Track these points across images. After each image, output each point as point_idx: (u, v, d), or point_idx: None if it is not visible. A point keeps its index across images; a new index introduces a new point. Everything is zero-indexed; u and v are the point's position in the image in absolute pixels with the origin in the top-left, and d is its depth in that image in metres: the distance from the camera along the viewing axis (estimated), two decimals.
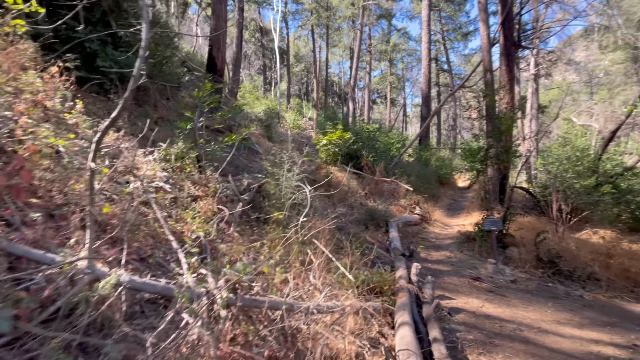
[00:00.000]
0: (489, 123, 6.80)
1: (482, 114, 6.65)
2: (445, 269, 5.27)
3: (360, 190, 8.67)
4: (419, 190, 10.73)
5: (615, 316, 4.14)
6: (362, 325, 2.58)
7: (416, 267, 4.03)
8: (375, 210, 6.61)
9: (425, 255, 5.85)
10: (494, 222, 5.40)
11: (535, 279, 5.36)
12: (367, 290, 3.09)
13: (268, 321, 2.04)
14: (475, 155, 6.22)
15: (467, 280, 4.80)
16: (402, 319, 2.51)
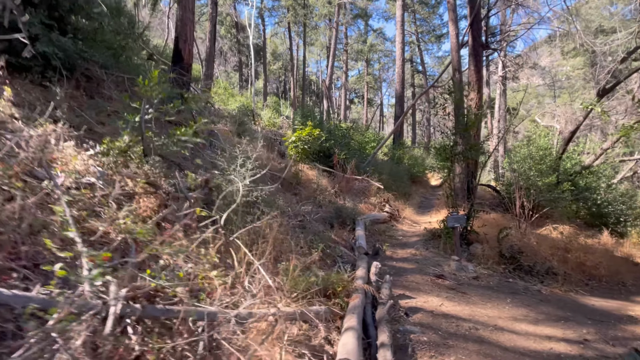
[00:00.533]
0: (456, 121, 6.80)
1: (449, 111, 6.64)
2: (409, 267, 5.17)
3: (330, 188, 8.49)
4: (391, 189, 10.71)
5: (569, 310, 4.17)
6: (307, 332, 2.37)
7: (376, 266, 3.87)
8: (342, 208, 6.44)
9: (391, 254, 5.74)
10: (457, 219, 5.36)
11: (497, 275, 5.37)
12: (318, 292, 2.88)
13: (189, 333, 1.78)
14: (444, 154, 6.19)
15: (430, 278, 4.71)
16: (348, 324, 2.31)
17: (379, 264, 3.91)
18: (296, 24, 27.01)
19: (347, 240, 5.58)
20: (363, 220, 6.42)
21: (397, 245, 6.26)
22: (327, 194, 7.61)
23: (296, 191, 7.45)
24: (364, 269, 3.91)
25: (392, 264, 5.23)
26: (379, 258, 5.46)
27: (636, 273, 7.60)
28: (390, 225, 7.54)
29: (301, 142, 7.89)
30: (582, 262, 6.59)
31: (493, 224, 7.85)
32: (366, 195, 9.30)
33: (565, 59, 27.89)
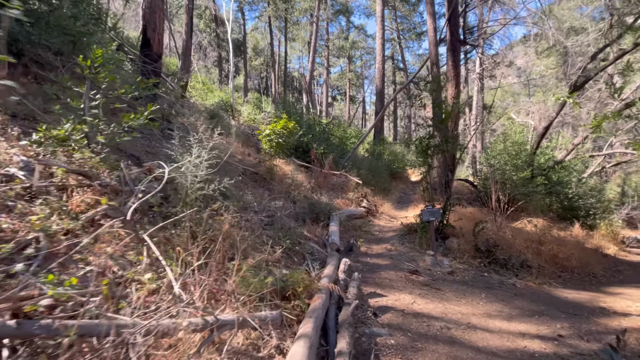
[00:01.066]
0: (433, 113, 6.61)
1: (424, 103, 6.45)
2: (383, 262, 4.94)
3: (307, 184, 8.18)
4: (369, 184, 10.52)
5: (543, 303, 4.05)
6: (257, 341, 2.05)
7: (345, 263, 3.60)
8: (317, 203, 6.15)
9: (366, 249, 5.50)
10: (432, 213, 5.17)
11: (472, 269, 5.22)
12: (275, 294, 2.57)
13: (93, 351, 1.43)
14: (420, 146, 5.99)
15: (404, 274, 4.50)
16: (303, 330, 2.02)
17: (348, 261, 3.64)
18: (277, 19, 26.45)
19: (319, 237, 5.29)
20: (338, 215, 6.16)
21: (373, 240, 6.03)
22: (302, 190, 7.30)
23: (270, 186, 7.10)
24: (333, 267, 3.63)
25: (366, 260, 4.99)
26: (353, 254, 5.21)
27: (605, 264, 7.71)
28: (367, 220, 7.32)
29: (275, 136, 7.53)
30: (555, 254, 6.59)
31: (469, 217, 7.77)
32: (344, 191, 9.05)
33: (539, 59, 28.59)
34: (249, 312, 2.10)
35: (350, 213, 6.87)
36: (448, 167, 7.19)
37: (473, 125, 19.90)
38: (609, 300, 4.55)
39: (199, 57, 34.38)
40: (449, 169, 7.00)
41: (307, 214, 5.83)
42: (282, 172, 7.95)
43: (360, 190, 8.66)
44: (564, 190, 11.53)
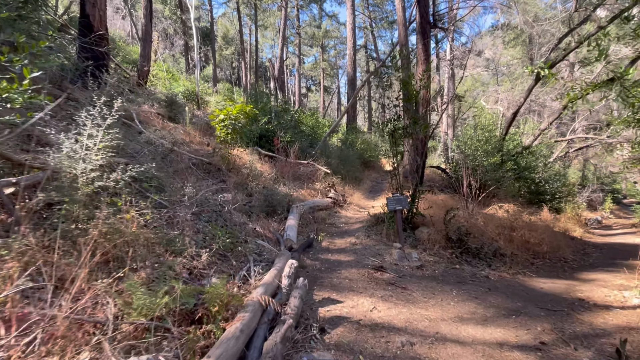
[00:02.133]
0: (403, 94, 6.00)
1: (390, 81, 5.80)
2: (345, 259, 4.30)
3: (270, 174, 7.40)
4: (340, 173, 9.88)
5: (519, 298, 3.56)
6: None
7: (291, 265, 2.90)
8: (275, 195, 5.39)
9: (328, 244, 4.85)
10: (399, 201, 4.57)
11: (443, 261, 4.70)
12: (180, 316, 1.83)
13: None
14: (387, 129, 5.38)
15: (367, 272, 3.87)
16: None
17: (295, 263, 2.94)
18: (247, 6, 25.01)
19: (274, 233, 4.56)
20: (299, 207, 5.45)
21: (337, 234, 5.39)
22: (263, 180, 6.51)
23: (225, 178, 6.27)
24: (277, 271, 2.93)
25: (327, 257, 4.33)
26: (312, 251, 4.54)
27: (573, 247, 7.53)
28: (334, 211, 6.67)
29: (231, 121, 6.66)
30: (526, 240, 6.26)
31: (441, 205, 7.31)
32: (312, 181, 8.35)
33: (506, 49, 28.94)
34: (117, 355, 1.35)
35: (314, 204, 6.19)
36: (418, 152, 6.64)
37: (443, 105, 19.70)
38: (585, 288, 4.17)
39: (165, 45, 32.24)
40: (419, 154, 6.45)
41: (263, 207, 5.08)
42: (241, 162, 7.12)
43: (327, 180, 7.99)
44: (531, 175, 11.48)
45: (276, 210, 5.10)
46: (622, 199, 23.68)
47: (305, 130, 12.88)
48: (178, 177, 5.71)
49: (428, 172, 13.05)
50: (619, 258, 6.66)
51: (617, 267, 5.68)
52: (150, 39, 12.20)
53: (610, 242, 9.38)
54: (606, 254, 7.23)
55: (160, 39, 32.53)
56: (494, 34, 27.54)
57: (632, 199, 24.35)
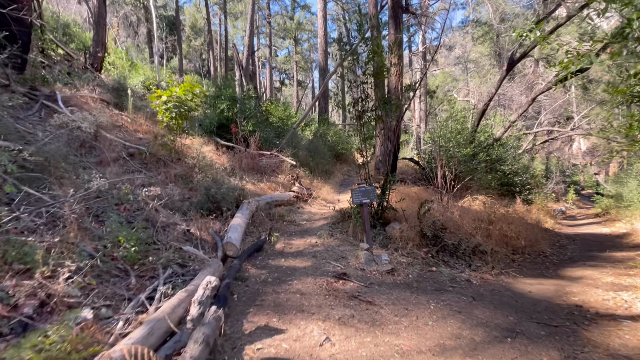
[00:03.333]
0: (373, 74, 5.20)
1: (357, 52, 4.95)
2: (302, 265, 3.42)
3: (225, 166, 6.37)
4: (308, 166, 9.00)
5: (510, 309, 2.85)
6: None
7: (206, 286, 1.97)
8: (218, 189, 4.39)
9: (283, 246, 3.95)
10: (365, 193, 3.75)
11: (417, 262, 3.95)
12: None
13: None
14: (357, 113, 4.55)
15: (326, 281, 3.02)
16: None
17: (214, 281, 2.01)
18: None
19: (213, 235, 3.60)
20: (253, 203, 4.50)
21: (296, 233, 4.50)
22: (213, 172, 5.49)
23: (165, 169, 5.18)
24: (186, 294, 1.98)
25: (279, 263, 3.43)
26: (262, 255, 3.62)
27: (549, 239, 7.10)
28: (296, 207, 5.78)
29: (175, 104, 5.57)
30: (504, 234, 5.69)
31: (414, 197, 6.63)
32: (276, 174, 7.40)
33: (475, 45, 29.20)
34: None
35: (272, 199, 5.25)
36: (389, 137, 5.86)
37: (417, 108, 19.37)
38: (576, 290, 3.56)
39: (128, 34, 29.79)
40: (390, 139, 5.67)
41: (204, 203, 4.09)
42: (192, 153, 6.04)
43: (291, 172, 7.08)
44: (502, 167, 11.23)
45: (221, 206, 4.12)
46: (580, 190, 24.65)
47: (274, 121, 11.87)
48: (102, 167, 4.58)
49: (401, 165, 12.48)
50: (595, 250, 6.29)
51: (598, 260, 5.24)
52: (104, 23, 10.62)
53: (579, 232, 9.19)
54: (581, 246, 6.87)
55: (123, 26, 30.00)
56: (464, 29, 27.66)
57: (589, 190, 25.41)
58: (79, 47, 12.42)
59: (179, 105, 5.54)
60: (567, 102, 21.94)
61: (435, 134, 11.01)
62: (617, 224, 10.43)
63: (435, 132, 11.14)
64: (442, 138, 9.60)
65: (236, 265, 2.98)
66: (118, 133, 6.38)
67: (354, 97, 4.83)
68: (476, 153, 10.32)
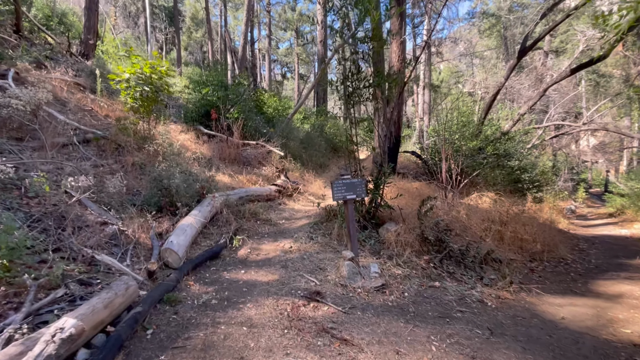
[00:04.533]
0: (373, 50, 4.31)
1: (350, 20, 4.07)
2: (265, 278, 2.59)
3: (198, 155, 5.54)
4: (301, 158, 8.15)
5: (544, 351, 2.01)
6: None
7: (54, 336, 1.15)
8: (173, 179, 3.55)
9: (248, 252, 3.12)
10: (350, 187, 2.89)
11: (416, 274, 3.10)
12: None
13: None
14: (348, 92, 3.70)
15: (291, 305, 2.20)
16: None
17: (69, 328, 1.20)
18: None
19: (153, 238, 2.77)
20: (219, 198, 3.68)
21: (269, 235, 3.66)
22: (181, 161, 4.66)
23: (125, 157, 4.36)
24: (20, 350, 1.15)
25: (236, 276, 2.60)
26: (218, 264, 2.80)
27: (566, 243, 6.19)
28: (277, 203, 4.94)
29: (140, 84, 4.73)
30: (518, 237, 4.83)
31: (414, 194, 5.76)
32: (263, 165, 6.56)
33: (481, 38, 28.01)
34: None
35: (247, 194, 4.41)
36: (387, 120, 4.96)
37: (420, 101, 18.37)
38: (623, 316, 2.69)
39: (128, 24, 28.97)
40: (388, 120, 4.77)
41: (152, 197, 3.26)
42: (171, 139, 5.20)
43: (276, 163, 6.23)
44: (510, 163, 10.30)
45: (174, 202, 3.29)
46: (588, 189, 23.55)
47: (269, 112, 11.01)
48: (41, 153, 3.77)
49: (402, 160, 11.57)
50: (622, 256, 5.38)
51: (631, 270, 4.36)
52: (96, 9, 9.78)
53: (596, 234, 8.26)
54: (604, 251, 5.96)
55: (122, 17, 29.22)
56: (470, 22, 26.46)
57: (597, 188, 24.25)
58: (75, 35, 11.73)
59: (141, 83, 4.69)
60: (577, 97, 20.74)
61: (439, 125, 10.09)
62: (635, 225, 9.46)
63: (440, 121, 10.19)
64: (447, 130, 8.70)
65: (169, 282, 2.16)
66: (83, 117, 5.59)
67: (344, 73, 3.96)
68: (483, 147, 9.40)
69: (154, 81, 4.91)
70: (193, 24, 30.46)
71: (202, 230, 3.23)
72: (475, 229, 4.81)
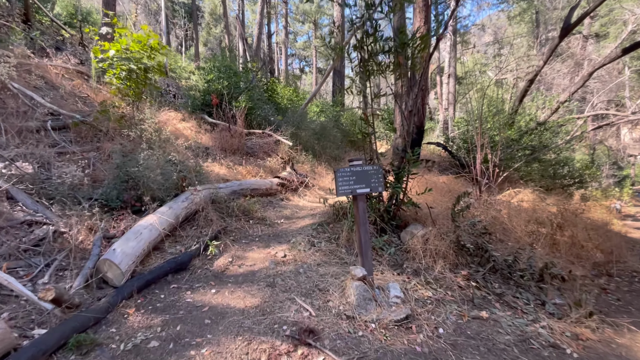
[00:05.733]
0: None
1: None
2: (241, 304, 1.83)
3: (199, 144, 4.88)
4: (313, 149, 7.35)
5: None
6: None
7: None
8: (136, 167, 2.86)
9: (227, 263, 2.36)
10: (362, 177, 2.05)
11: (453, 300, 2.22)
12: None
13: None
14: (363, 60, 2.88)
15: (268, 351, 1.42)
16: None
17: None
18: None
19: (96, 244, 2.07)
20: (200, 192, 2.95)
21: (261, 238, 2.89)
22: (173, 149, 4.00)
23: (105, 143, 3.75)
24: None
25: (198, 300, 1.86)
26: (179, 282, 2.06)
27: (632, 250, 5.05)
28: (279, 198, 4.17)
29: (125, 61, 4.09)
30: (577, 244, 3.82)
31: (443, 189, 4.82)
32: (269, 156, 5.83)
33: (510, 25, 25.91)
34: None
35: (242, 187, 3.67)
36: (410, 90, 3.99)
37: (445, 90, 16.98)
38: None
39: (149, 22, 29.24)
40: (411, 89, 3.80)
41: (111, 189, 2.58)
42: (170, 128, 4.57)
43: (281, 153, 5.46)
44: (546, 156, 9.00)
45: (141, 195, 2.60)
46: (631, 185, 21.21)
47: (283, 102, 10.28)
48: None
49: (425, 153, 10.52)
50: None
51: None
52: (114, 3, 9.44)
53: None
54: None
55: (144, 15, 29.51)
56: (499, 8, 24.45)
57: None
58: None
59: (125, 58, 4.05)
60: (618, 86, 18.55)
61: (468, 114, 8.97)
62: None
63: (471, 108, 9.09)
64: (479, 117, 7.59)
65: (94, 311, 1.43)
66: (75, 103, 5.08)
67: (357, 37, 3.11)
68: (517, 138, 8.23)
69: (142, 58, 4.26)
70: (212, 19, 30.27)
71: (172, 233, 2.51)
72: (520, 233, 3.83)
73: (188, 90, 9.22)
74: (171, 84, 9.64)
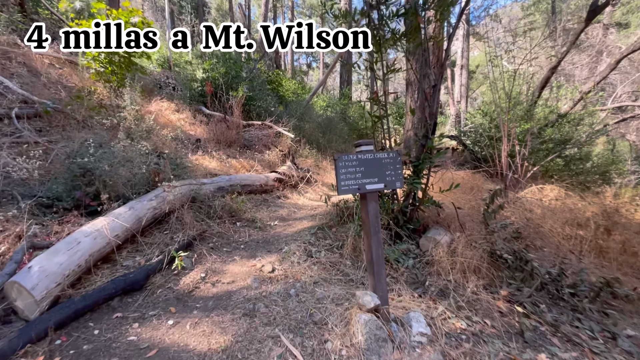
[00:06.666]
0: None
1: None
2: (205, 344, 1.28)
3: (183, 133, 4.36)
4: (317, 143, 6.78)
5: None
6: None
7: None
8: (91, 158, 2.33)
9: (198, 279, 1.81)
10: (372, 167, 1.49)
11: (495, 334, 1.63)
12: None
13: None
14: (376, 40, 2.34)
15: None
16: None
17: None
18: None
19: (15, 259, 1.55)
20: (173, 190, 2.42)
21: (248, 245, 2.34)
22: (155, 140, 3.49)
23: (76, 133, 3.27)
24: None
25: (149, 337, 1.33)
26: (128, 307, 1.52)
27: None
28: (276, 196, 3.61)
29: None
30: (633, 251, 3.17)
31: (465, 186, 4.19)
32: (268, 149, 5.28)
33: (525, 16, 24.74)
34: None
35: (232, 183, 3.12)
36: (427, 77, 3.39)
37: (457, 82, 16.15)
38: None
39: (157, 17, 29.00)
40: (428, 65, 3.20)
41: (60, 186, 2.06)
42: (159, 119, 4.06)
43: (284, 147, 4.90)
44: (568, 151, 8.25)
45: (97, 191, 2.08)
46: None
47: (287, 95, 9.72)
48: None
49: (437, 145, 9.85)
50: None
51: None
52: None
53: None
54: None
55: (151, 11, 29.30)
56: None
57: None
58: None
59: None
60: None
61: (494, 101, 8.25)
62: None
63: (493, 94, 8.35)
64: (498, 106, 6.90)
65: None
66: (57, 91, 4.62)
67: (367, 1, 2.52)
68: (537, 131, 7.51)
69: None
70: (219, 15, 29.78)
71: (132, 240, 1.99)
72: (557, 237, 3.20)
73: (187, 81, 8.76)
74: (171, 76, 9.18)
